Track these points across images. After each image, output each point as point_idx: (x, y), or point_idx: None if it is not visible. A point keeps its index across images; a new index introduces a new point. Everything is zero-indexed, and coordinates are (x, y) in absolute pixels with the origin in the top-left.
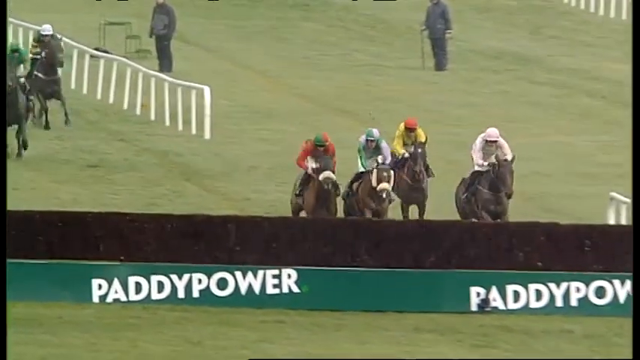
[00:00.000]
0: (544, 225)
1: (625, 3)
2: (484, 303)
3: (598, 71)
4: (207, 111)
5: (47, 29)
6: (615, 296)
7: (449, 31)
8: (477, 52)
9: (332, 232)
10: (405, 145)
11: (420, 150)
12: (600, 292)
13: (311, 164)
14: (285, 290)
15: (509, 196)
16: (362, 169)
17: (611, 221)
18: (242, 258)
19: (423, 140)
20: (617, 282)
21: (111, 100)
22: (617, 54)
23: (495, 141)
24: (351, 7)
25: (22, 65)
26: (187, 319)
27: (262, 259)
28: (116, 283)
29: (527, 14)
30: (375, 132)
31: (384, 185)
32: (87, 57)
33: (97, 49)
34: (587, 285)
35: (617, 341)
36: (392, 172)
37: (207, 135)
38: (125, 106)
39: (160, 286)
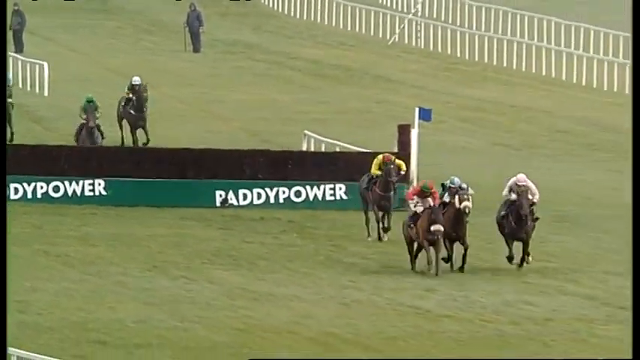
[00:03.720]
0: (262, 151)
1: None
2: (224, 201)
3: (295, 53)
4: (46, 77)
5: (137, 80)
6: (307, 196)
7: (202, 27)
8: (219, 41)
9: (132, 157)
10: (379, 169)
11: (392, 168)
12: (298, 194)
13: (418, 207)
14: (97, 193)
15: (533, 219)
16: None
17: (304, 149)
18: (70, 172)
19: (404, 169)
20: (308, 187)
21: None
22: (311, 43)
23: (524, 184)
24: (138, 11)
25: (97, 110)
26: (31, 212)
27: (83, 173)
28: None
29: (252, 17)
30: (457, 180)
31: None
32: None
33: None
34: (289, 189)
35: (310, 225)
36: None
37: (46, 93)
38: None
39: (15, 191)
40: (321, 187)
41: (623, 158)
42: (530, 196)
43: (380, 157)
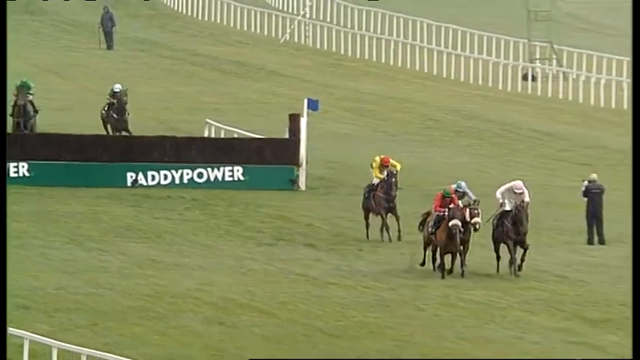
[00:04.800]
0: (168, 138)
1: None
2: (134, 182)
3: (197, 50)
4: None
5: (117, 87)
6: (208, 177)
7: (114, 27)
8: (130, 40)
9: (53, 143)
10: (380, 172)
11: (393, 175)
12: (200, 175)
13: (439, 212)
14: (21, 175)
15: (525, 233)
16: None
17: (206, 135)
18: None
19: (399, 168)
20: (209, 169)
21: None
22: (211, 41)
23: (521, 192)
24: (58, 13)
25: (30, 90)
26: None
27: (9, 157)
28: None
29: (159, 18)
30: (463, 184)
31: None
32: None
33: None
34: (192, 170)
35: (211, 203)
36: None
37: None
38: None
39: None
40: (221, 169)
41: (487, 143)
42: (525, 203)
43: (377, 159)
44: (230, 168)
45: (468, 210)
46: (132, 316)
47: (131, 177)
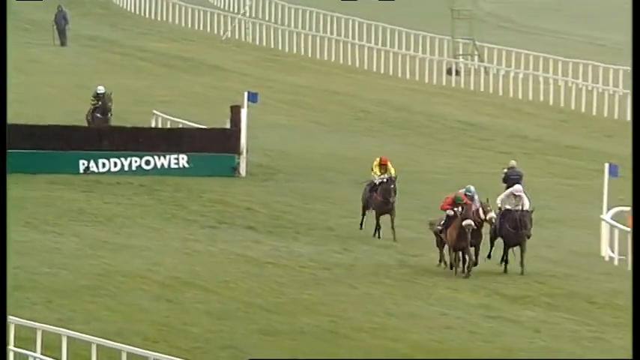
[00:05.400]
0: (117, 128)
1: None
2: (86, 169)
3: (145, 47)
4: None
5: (101, 89)
6: (155, 165)
7: (68, 25)
8: (82, 37)
9: (10, 133)
10: (380, 171)
11: (391, 178)
12: (147, 163)
13: (449, 212)
14: None
15: (528, 237)
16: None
17: (153, 126)
18: None
19: (393, 173)
20: (156, 157)
21: None
22: (158, 38)
23: (520, 194)
24: (16, 12)
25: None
26: None
27: None
28: None
29: (109, 17)
30: (472, 188)
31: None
32: None
33: None
34: (140, 158)
35: (158, 188)
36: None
37: None
38: None
39: None
40: (167, 157)
41: (415, 133)
42: (526, 206)
43: (377, 159)
44: (175, 156)
45: (481, 208)
46: (84, 294)
47: (83, 164)
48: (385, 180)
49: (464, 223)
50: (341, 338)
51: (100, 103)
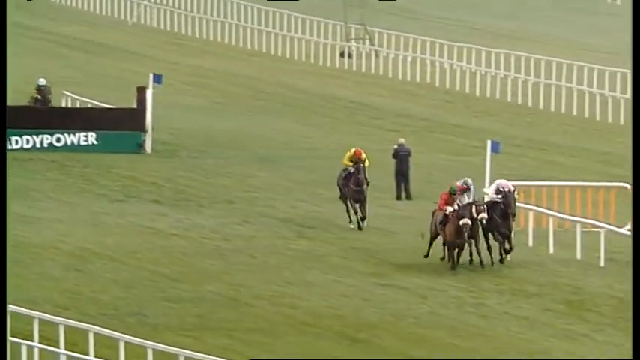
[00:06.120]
0: (30, 107)
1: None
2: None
3: (56, 32)
4: None
5: (42, 81)
6: (66, 142)
7: None
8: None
9: None
10: (351, 163)
11: (362, 166)
12: (58, 140)
13: (449, 208)
14: None
15: (513, 215)
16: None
17: (64, 105)
18: None
19: (366, 163)
20: (66, 135)
21: None
22: (68, 22)
23: (506, 189)
24: None
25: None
26: None
27: None
28: None
29: (29, 4)
30: (470, 181)
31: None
32: None
33: None
34: (51, 136)
35: (68, 164)
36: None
37: None
38: None
39: None
40: (77, 135)
41: (311, 113)
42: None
43: (352, 151)
44: (85, 134)
45: (474, 207)
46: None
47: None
48: (357, 170)
49: (461, 222)
50: (242, 305)
51: (40, 95)
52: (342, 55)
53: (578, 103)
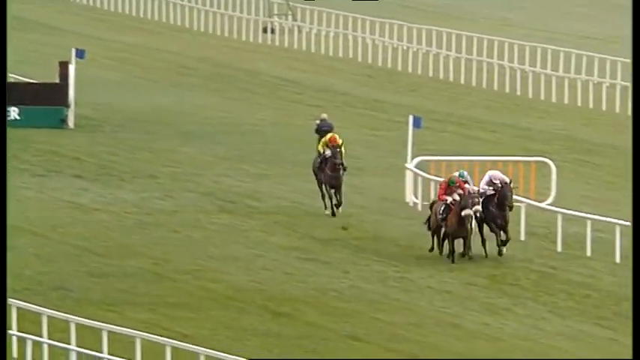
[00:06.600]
0: None
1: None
2: None
3: (27, 14)
4: None
5: None
6: None
7: None
8: None
9: None
10: (327, 148)
11: (338, 150)
12: None
13: (449, 198)
14: None
15: (510, 208)
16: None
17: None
18: None
19: (342, 148)
20: None
21: None
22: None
23: (499, 181)
24: None
25: None
26: None
27: None
28: None
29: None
30: (465, 173)
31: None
32: None
33: None
34: None
35: None
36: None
37: None
38: None
39: None
40: None
41: (234, 88)
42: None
43: (327, 137)
44: (7, 109)
45: (470, 200)
46: None
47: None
48: (333, 154)
49: (463, 213)
50: (165, 280)
51: None
52: (264, 30)
53: (499, 78)
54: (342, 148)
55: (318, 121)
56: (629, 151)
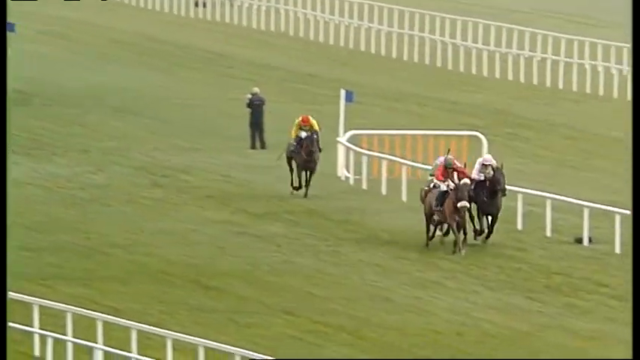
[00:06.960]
0: None
1: None
2: None
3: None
4: None
5: None
6: None
7: None
8: None
9: None
10: (301, 130)
11: (315, 135)
12: None
13: (442, 186)
14: None
15: (504, 193)
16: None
17: None
18: None
19: (317, 128)
20: None
21: None
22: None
23: (489, 163)
24: None
25: None
26: None
27: None
28: None
29: None
30: (450, 157)
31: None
32: None
33: None
34: None
35: None
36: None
37: None
38: None
39: None
40: None
41: (165, 62)
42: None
43: (299, 118)
44: None
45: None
46: None
47: None
48: (308, 135)
49: (459, 204)
50: (98, 254)
51: None
52: (196, 4)
53: (430, 52)
54: (316, 127)
55: (249, 95)
56: (558, 125)
